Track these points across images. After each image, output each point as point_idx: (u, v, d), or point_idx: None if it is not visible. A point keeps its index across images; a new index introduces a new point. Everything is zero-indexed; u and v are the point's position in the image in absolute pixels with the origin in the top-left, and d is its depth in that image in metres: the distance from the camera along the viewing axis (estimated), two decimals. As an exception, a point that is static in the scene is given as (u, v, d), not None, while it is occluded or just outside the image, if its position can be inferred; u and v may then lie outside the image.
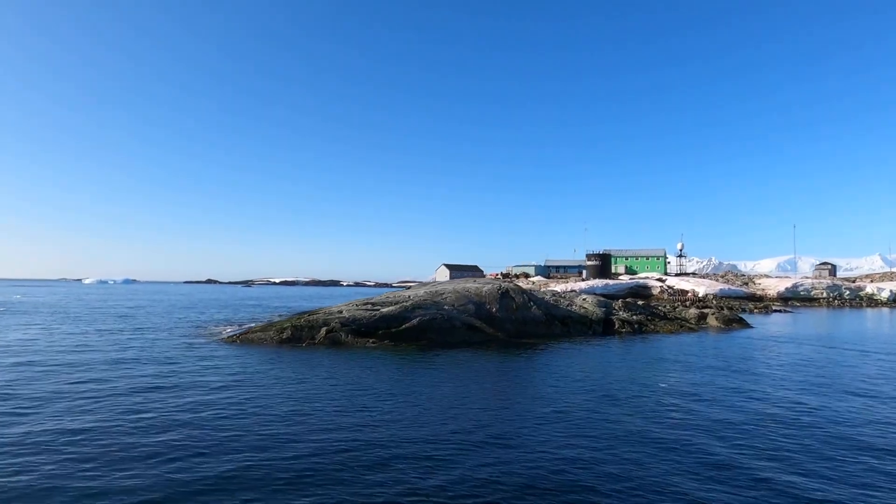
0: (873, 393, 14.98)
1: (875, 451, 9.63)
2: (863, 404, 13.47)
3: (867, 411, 12.76)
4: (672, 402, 13.55)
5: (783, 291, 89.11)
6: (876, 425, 11.44)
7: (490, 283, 30.74)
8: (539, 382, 16.03)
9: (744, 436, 10.51)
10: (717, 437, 10.42)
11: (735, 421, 11.66)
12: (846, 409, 12.85)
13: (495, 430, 10.70)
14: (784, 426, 11.28)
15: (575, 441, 10.03)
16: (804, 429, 11.09)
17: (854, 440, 10.31)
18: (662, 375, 17.36)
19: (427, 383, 15.56)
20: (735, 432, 10.76)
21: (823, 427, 11.22)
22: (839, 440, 10.25)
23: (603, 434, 10.51)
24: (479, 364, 19.43)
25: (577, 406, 12.92)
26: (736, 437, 10.45)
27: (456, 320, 26.28)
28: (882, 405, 13.41)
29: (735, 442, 10.10)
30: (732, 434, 10.65)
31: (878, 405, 13.40)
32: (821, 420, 11.83)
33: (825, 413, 12.49)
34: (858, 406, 13.25)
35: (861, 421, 11.82)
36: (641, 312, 35.99)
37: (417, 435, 10.29)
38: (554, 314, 30.72)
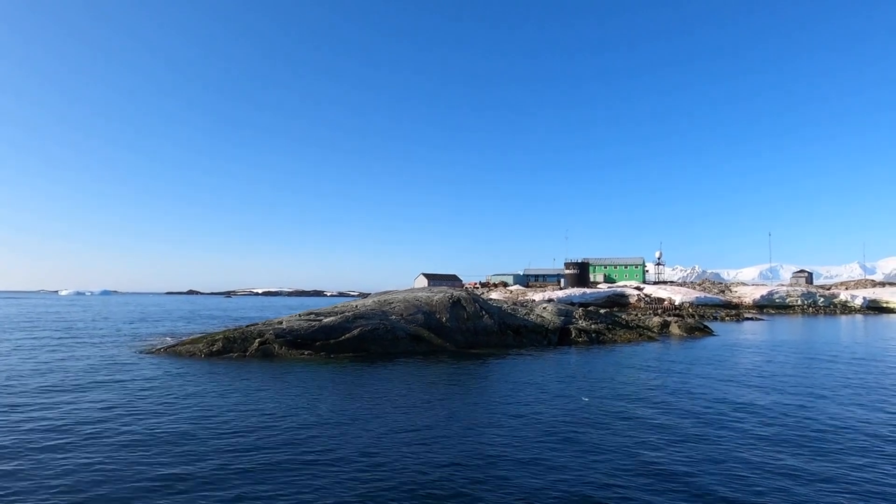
0: (806, 400, 14.32)
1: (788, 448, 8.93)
2: (788, 409, 12.77)
3: (790, 415, 12.07)
4: (588, 417, 12.72)
5: (759, 299, 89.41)
6: (793, 428, 10.73)
7: (442, 292, 29.87)
8: (462, 396, 15.12)
9: (640, 443, 9.72)
10: (626, 446, 9.60)
11: (645, 427, 10.88)
12: (766, 414, 12.14)
13: (375, 449, 9.76)
14: (697, 430, 10.53)
15: (479, 458, 9.14)
16: (720, 431, 10.35)
17: (770, 439, 9.61)
18: (594, 386, 16.57)
19: (341, 396, 14.57)
20: (639, 440, 9.98)
21: (736, 432, 10.48)
22: (746, 444, 9.51)
23: (518, 447, 9.64)
24: (411, 376, 18.47)
25: (485, 422, 12.03)
26: (640, 444, 9.66)
27: (399, 330, 25.31)
28: (799, 408, 12.74)
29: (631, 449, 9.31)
30: (640, 441, 9.86)
31: (795, 409, 12.71)
32: (736, 425, 11.09)
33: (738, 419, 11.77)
34: (782, 411, 12.55)
35: (781, 422, 11.12)
36: (602, 321, 35.31)
37: (297, 457, 9.33)
38: (508, 323, 29.89)
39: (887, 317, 75.11)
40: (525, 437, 10.87)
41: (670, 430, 11.45)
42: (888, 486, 8.24)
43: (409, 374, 18.81)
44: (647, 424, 11.98)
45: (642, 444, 10.45)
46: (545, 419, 12.37)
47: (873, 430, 11.57)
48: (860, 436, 11.11)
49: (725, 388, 16.74)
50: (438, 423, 11.97)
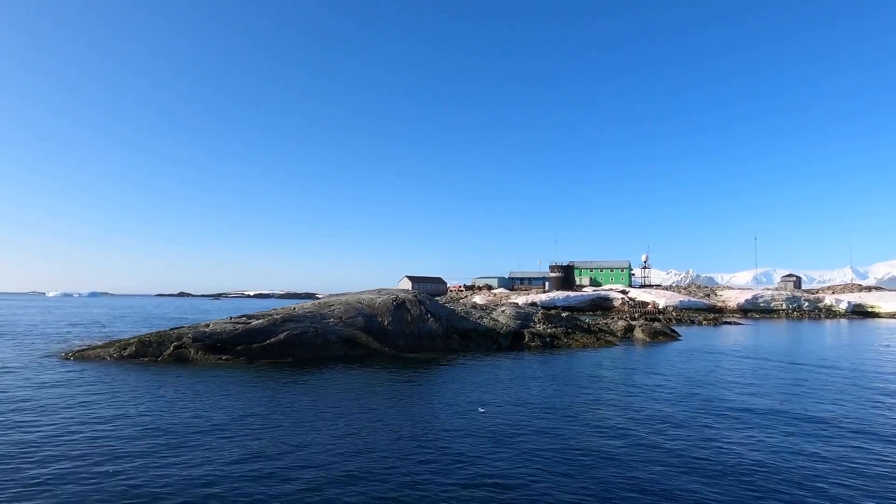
0: (741, 409, 13.10)
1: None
2: (719, 420, 11.54)
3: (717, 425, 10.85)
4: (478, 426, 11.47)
5: (743, 303, 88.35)
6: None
7: (387, 295, 28.59)
8: (361, 407, 13.84)
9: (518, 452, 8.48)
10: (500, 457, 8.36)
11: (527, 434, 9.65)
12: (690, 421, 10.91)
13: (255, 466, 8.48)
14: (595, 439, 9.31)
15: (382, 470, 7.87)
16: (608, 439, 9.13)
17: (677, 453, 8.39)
18: (508, 395, 15.33)
19: (230, 404, 13.27)
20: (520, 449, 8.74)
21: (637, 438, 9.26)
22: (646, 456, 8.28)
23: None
24: (324, 384, 17.18)
25: (364, 435, 10.76)
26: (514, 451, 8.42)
27: (331, 334, 24.03)
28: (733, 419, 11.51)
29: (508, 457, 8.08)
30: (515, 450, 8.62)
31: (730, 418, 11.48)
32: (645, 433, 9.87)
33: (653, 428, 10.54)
34: (669, 425, 11.33)
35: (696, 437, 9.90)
36: (562, 325, 34.06)
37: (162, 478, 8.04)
38: (457, 327, 28.63)
39: (872, 321, 74.08)
40: (392, 450, 9.62)
41: (550, 443, 10.22)
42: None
43: (323, 382, 17.52)
44: (535, 434, 10.76)
45: (512, 459, 9.21)
46: (428, 432, 11.12)
47: (750, 456, 10.35)
48: (735, 455, 9.90)
49: (634, 399, 15.55)
50: (310, 441, 10.70)
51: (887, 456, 10.03)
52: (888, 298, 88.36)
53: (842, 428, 12.10)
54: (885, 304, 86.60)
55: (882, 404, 14.99)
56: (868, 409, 14.40)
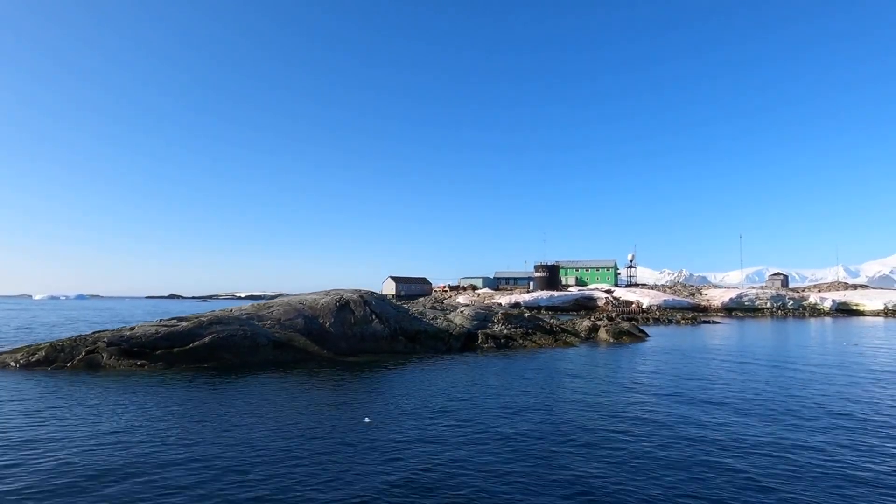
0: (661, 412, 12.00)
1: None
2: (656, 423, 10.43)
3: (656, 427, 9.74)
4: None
5: (727, 302, 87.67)
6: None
7: (331, 295, 27.39)
8: (248, 416, 12.64)
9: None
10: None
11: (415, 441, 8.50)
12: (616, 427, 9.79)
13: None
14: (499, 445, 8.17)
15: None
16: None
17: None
18: (409, 402, 14.18)
19: (117, 414, 12.04)
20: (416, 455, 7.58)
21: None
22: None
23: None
24: (233, 391, 15.97)
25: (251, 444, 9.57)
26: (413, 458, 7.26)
27: (261, 337, 22.81)
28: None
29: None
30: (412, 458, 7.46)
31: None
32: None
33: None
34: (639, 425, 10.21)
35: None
36: (522, 325, 32.95)
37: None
38: (406, 328, 27.46)
39: (856, 319, 73.35)
40: (249, 462, 8.45)
41: (430, 455, 9.08)
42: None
43: (234, 387, 16.32)
44: (415, 445, 9.61)
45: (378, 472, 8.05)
46: (296, 444, 9.95)
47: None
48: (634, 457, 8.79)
49: (549, 406, 14.43)
50: (165, 457, 9.50)
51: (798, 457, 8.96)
52: (872, 296, 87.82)
53: (735, 409, 11.05)
54: (869, 301, 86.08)
55: (805, 402, 13.93)
56: (794, 409, 13.34)
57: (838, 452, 10.07)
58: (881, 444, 10.67)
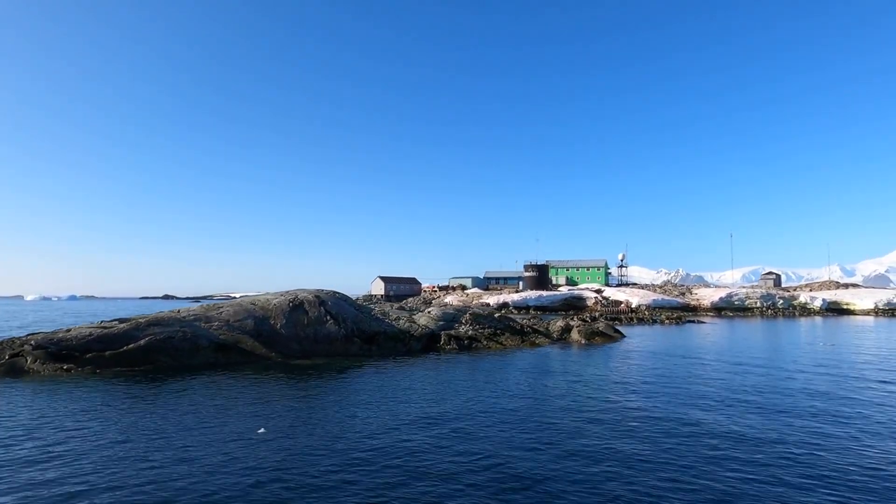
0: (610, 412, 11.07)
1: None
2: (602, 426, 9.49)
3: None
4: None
5: (717, 301, 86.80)
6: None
7: (285, 296, 26.41)
8: (148, 425, 11.68)
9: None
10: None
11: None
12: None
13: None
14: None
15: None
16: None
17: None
18: (324, 412, 13.23)
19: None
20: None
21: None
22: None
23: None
24: (153, 398, 15.00)
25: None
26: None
27: (202, 339, 21.83)
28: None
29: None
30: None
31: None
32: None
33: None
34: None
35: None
36: (490, 326, 32.00)
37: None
38: (364, 329, 26.49)
39: (846, 318, 72.48)
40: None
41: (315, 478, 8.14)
42: None
43: (157, 394, 15.34)
44: (283, 459, 8.68)
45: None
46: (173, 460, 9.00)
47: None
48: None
49: (469, 415, 13.49)
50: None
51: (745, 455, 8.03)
52: (863, 295, 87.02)
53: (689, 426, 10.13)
54: (859, 301, 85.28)
55: (752, 405, 13.00)
56: (743, 410, 12.40)
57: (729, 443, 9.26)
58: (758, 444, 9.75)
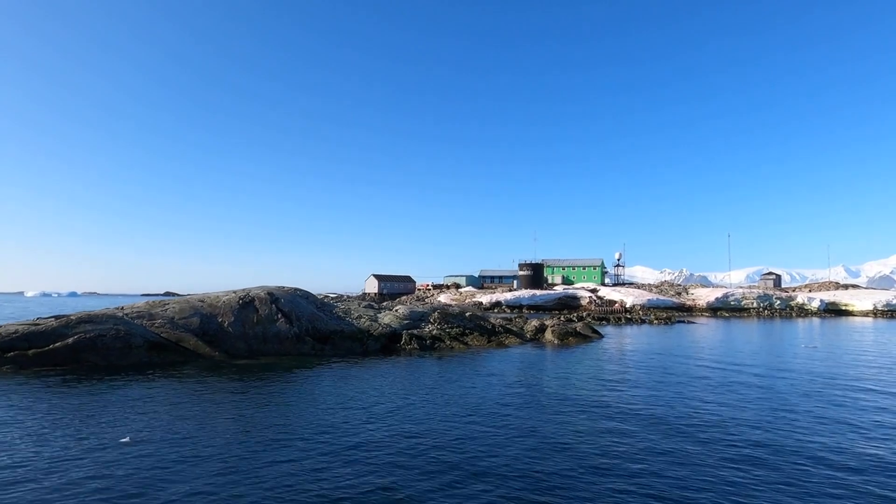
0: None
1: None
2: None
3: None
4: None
5: (713, 302, 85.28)
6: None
7: (235, 294, 25.35)
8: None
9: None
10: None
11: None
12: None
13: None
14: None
15: None
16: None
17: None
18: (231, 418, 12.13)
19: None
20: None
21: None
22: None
23: None
24: (60, 399, 13.95)
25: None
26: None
27: (137, 338, 20.79)
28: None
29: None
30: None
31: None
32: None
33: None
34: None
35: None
36: (459, 325, 30.85)
37: None
38: (319, 328, 25.40)
39: (844, 319, 70.81)
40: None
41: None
42: None
43: (65, 395, 14.28)
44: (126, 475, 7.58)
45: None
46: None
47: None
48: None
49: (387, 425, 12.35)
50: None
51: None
52: (862, 296, 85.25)
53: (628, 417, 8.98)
54: (858, 302, 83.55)
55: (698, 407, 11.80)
56: (687, 411, 11.21)
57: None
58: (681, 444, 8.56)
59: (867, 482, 8.48)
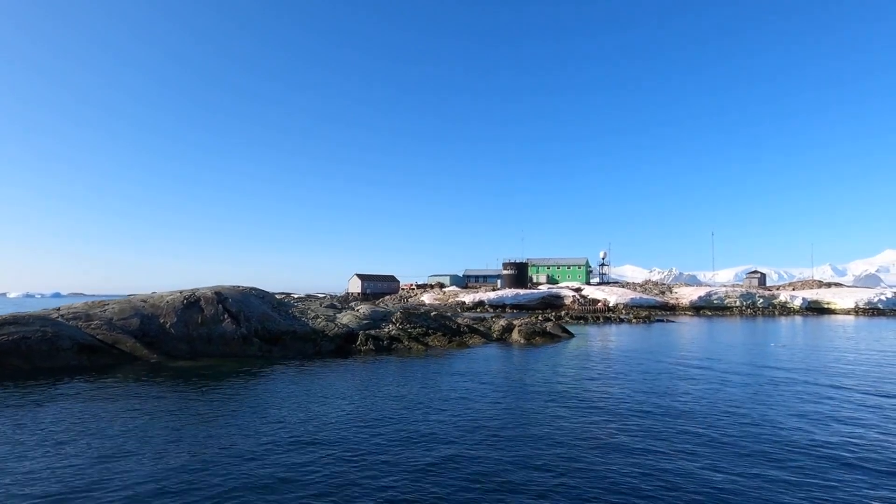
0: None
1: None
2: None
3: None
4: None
5: (696, 300, 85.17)
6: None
7: (181, 294, 24.35)
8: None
9: None
10: None
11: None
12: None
13: None
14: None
15: None
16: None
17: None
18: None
19: None
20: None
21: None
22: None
23: None
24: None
25: None
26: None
27: (65, 340, 19.75)
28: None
29: None
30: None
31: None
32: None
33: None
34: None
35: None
36: (422, 325, 30.01)
37: None
38: (269, 329, 24.45)
39: (825, 318, 70.76)
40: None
41: None
42: None
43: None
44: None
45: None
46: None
47: None
48: None
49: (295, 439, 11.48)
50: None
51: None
52: (844, 295, 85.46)
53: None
54: (840, 300, 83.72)
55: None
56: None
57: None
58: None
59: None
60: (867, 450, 10.05)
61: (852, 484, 8.26)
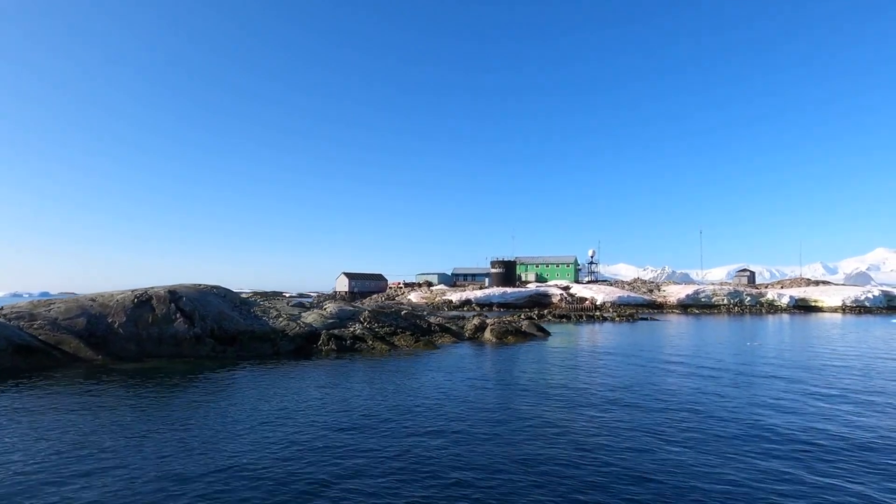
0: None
1: None
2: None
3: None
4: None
5: (684, 298, 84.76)
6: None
7: (133, 292, 23.45)
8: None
9: None
10: None
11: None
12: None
13: None
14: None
15: None
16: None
17: None
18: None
19: None
20: None
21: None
22: None
23: None
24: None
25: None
26: None
27: (1, 340, 18.82)
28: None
29: None
30: None
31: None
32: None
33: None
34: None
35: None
36: (391, 324, 29.20)
37: None
38: (225, 328, 23.58)
39: (812, 316, 70.47)
40: None
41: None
42: None
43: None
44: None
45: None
46: None
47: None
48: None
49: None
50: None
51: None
52: (831, 293, 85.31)
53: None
54: (827, 298, 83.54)
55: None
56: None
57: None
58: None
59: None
60: (807, 435, 10.49)
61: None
